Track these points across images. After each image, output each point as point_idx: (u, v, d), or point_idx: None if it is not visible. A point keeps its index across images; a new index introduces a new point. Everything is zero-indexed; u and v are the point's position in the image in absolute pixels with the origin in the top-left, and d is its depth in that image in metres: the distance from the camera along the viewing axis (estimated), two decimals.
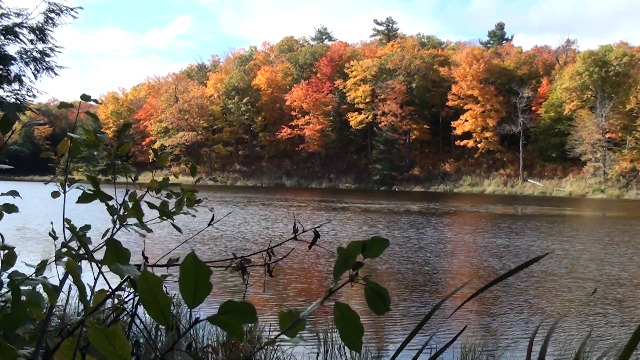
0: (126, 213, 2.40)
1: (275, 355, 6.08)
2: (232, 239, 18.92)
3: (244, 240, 18.73)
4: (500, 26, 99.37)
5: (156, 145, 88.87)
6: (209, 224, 2.69)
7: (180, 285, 1.18)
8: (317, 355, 7.09)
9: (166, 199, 2.74)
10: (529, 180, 70.38)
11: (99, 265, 1.89)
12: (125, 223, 2.50)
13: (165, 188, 2.76)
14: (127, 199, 2.41)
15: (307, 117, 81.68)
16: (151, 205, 2.48)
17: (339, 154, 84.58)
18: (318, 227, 1.97)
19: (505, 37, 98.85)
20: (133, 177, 2.68)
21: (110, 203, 2.48)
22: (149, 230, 2.54)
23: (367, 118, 79.97)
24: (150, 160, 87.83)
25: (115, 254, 1.63)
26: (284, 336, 1.42)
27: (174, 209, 2.77)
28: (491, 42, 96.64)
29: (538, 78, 77.94)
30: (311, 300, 9.95)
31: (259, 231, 21.29)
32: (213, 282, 1.18)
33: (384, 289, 1.33)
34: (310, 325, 8.40)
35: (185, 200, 2.83)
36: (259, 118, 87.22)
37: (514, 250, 17.68)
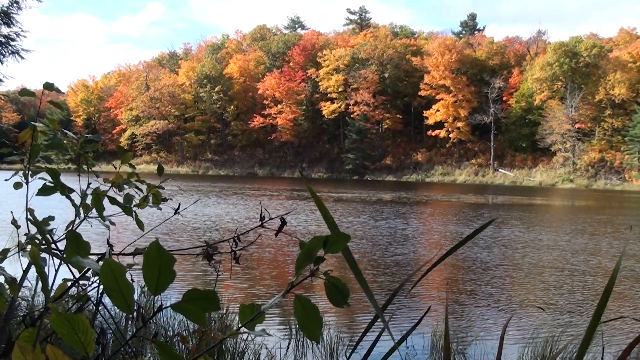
0: (89, 205, 2.36)
1: (245, 344, 6.07)
2: (203, 229, 18.84)
3: (214, 229, 18.66)
4: (473, 16, 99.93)
5: (127, 134, 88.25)
6: (175, 212, 2.67)
7: (144, 273, 1.18)
8: (288, 344, 7.10)
9: (131, 193, 2.70)
10: (499, 170, 71.07)
11: (61, 256, 1.87)
12: (89, 215, 2.47)
13: (129, 184, 2.72)
14: (88, 192, 2.37)
15: (279, 106, 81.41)
16: (112, 201, 2.44)
17: (312, 143, 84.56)
18: (284, 215, 1.97)
19: (477, 27, 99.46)
20: (96, 171, 2.65)
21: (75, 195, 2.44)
22: (112, 223, 2.52)
23: (339, 107, 79.99)
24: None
25: (76, 246, 1.60)
26: (263, 327, 1.41)
27: (139, 204, 2.74)
28: (463, 32, 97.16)
29: (509, 68, 78.66)
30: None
31: (230, 220, 21.21)
32: (188, 272, 1.18)
33: (344, 284, 1.35)
34: (282, 316, 8.41)
35: (150, 196, 2.80)
36: (231, 107, 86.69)
37: (482, 237, 17.83)
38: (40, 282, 1.53)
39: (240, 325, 1.31)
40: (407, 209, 29.59)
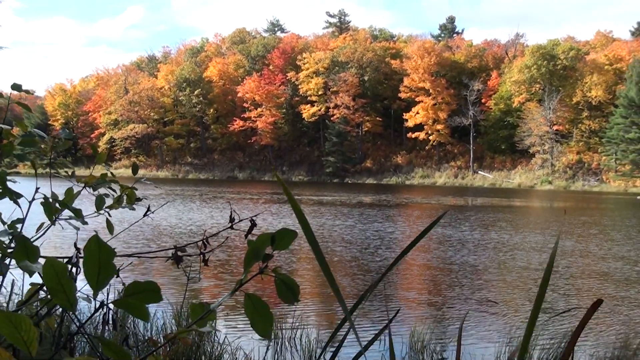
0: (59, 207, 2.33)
1: (222, 347, 6.03)
2: (178, 232, 18.75)
3: (191, 233, 18.57)
4: (451, 19, 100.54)
5: (105, 138, 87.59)
6: (145, 215, 2.64)
7: (84, 269, 1.17)
8: (267, 347, 7.07)
9: (103, 195, 2.67)
10: (479, 172, 71.44)
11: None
12: (59, 217, 2.43)
13: (102, 185, 2.69)
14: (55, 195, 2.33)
15: (259, 109, 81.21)
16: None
17: (292, 147, 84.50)
18: (254, 216, 1.95)
19: (456, 30, 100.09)
20: (70, 173, 2.62)
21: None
22: (84, 223, 2.48)
23: (319, 110, 79.96)
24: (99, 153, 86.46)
25: (25, 251, 1.57)
26: (238, 328, 1.40)
27: (112, 204, 2.72)
28: (442, 35, 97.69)
29: (488, 71, 79.13)
30: (265, 288, 9.91)
31: (208, 224, 21.12)
32: (168, 275, 1.18)
33: (293, 281, 1.36)
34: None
35: (124, 197, 2.77)
36: (211, 110, 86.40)
37: (462, 239, 17.91)
38: (16, 288, 1.49)
39: (191, 322, 1.29)
40: (388, 211, 29.65)
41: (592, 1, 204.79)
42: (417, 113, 74.55)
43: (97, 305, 1.38)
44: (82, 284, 1.41)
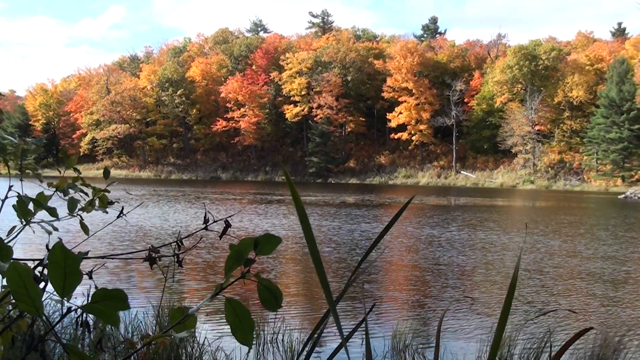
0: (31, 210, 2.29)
1: (201, 349, 5.98)
2: (164, 234, 18.65)
3: (176, 234, 18.44)
4: (434, 20, 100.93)
5: (87, 138, 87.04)
6: (118, 216, 2.60)
7: (49, 276, 1.16)
8: (249, 349, 7.02)
9: (75, 198, 2.63)
10: (462, 172, 71.75)
11: None
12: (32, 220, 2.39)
13: (74, 188, 2.65)
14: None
15: (242, 109, 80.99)
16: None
17: (275, 147, 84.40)
18: (229, 217, 1.92)
19: (439, 30, 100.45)
20: (39, 178, 2.58)
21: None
22: (55, 229, 2.46)
23: (302, 110, 79.92)
24: (81, 154, 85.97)
25: None
26: (219, 329, 1.37)
27: (84, 207, 2.68)
28: (425, 35, 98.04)
29: (470, 71, 79.51)
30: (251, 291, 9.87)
31: (194, 225, 21.01)
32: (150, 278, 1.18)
33: (276, 287, 1.33)
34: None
35: (97, 200, 2.73)
36: (194, 110, 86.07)
37: (444, 238, 17.96)
38: None
39: (169, 327, 1.26)
40: (372, 211, 29.67)
41: (574, 2, 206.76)
42: (400, 113, 74.70)
43: (71, 309, 1.35)
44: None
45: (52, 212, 2.41)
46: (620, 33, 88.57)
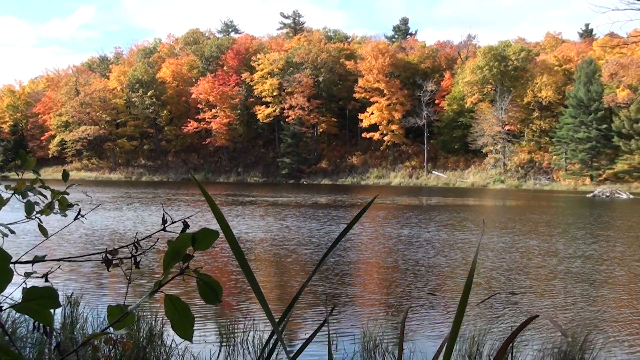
0: None
1: (169, 350, 5.91)
2: (140, 236, 18.44)
3: (153, 236, 18.29)
4: (405, 21, 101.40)
5: (56, 140, 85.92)
6: (75, 218, 2.54)
7: None
8: (219, 350, 6.96)
9: (31, 201, 2.59)
10: (433, 172, 72.18)
11: None
12: None
13: (32, 191, 2.59)
14: None
15: (213, 110, 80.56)
16: None
17: (247, 148, 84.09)
18: (187, 217, 1.88)
19: (410, 31, 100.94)
20: None
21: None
22: (12, 231, 2.41)
23: (274, 111, 79.80)
24: (50, 156, 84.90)
25: None
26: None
27: (43, 210, 2.63)
28: (396, 36, 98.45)
29: (441, 72, 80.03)
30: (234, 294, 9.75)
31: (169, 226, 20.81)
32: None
33: (215, 281, 1.32)
34: (213, 322, 8.26)
35: (56, 203, 2.68)
36: (165, 112, 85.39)
37: (415, 237, 18.02)
38: None
39: (108, 324, 1.27)
40: (344, 212, 29.70)
41: (543, 4, 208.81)
42: (372, 114, 74.88)
43: (2, 308, 1.30)
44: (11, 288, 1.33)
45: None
46: (587, 34, 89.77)
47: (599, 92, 62.82)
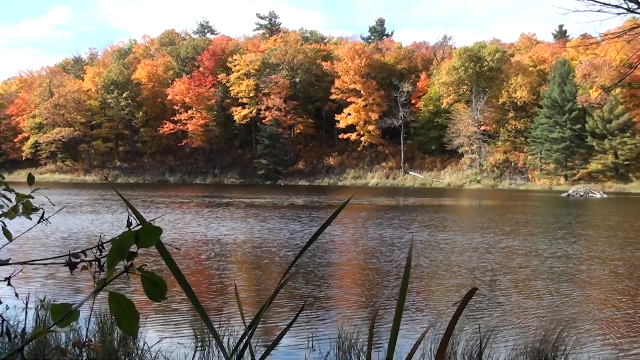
0: None
1: (142, 352, 5.82)
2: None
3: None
4: (381, 22, 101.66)
5: (30, 142, 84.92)
6: (39, 222, 2.48)
7: None
8: (194, 353, 6.88)
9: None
10: (410, 172, 72.47)
11: None
12: None
13: None
14: None
15: (189, 111, 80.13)
16: None
17: (224, 149, 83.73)
18: (154, 219, 1.82)
19: (386, 32, 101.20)
20: None
21: None
22: None
23: (251, 112, 79.61)
24: (23, 158, 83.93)
25: None
26: (159, 332, 1.28)
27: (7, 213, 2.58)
28: (372, 37, 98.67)
29: (417, 73, 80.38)
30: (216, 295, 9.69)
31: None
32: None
33: (160, 278, 1.33)
34: (188, 324, 8.18)
35: (20, 206, 2.63)
36: (140, 113, 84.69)
37: (388, 236, 18.04)
38: None
39: (52, 323, 1.28)
40: (320, 213, 29.68)
41: (517, 5, 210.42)
42: (349, 114, 74.98)
43: None
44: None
45: None
46: (561, 35, 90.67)
47: (573, 92, 63.54)
